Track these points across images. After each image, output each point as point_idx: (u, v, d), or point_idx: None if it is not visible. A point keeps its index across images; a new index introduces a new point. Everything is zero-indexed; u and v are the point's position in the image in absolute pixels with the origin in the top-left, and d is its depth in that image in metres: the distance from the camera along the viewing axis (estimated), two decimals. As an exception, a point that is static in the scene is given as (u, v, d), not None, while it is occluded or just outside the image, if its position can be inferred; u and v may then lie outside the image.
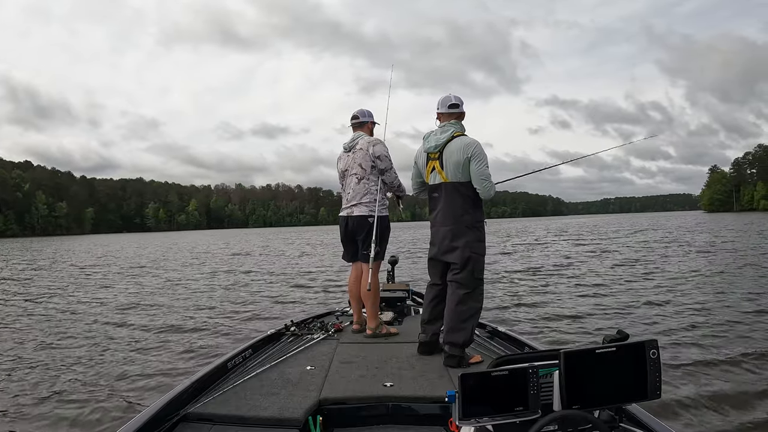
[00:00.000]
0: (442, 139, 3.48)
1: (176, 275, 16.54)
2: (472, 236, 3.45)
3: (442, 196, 3.51)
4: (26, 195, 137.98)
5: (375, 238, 4.10)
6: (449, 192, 3.48)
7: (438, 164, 3.51)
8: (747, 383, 4.52)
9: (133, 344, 6.74)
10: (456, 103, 3.58)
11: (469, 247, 3.42)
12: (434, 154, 3.53)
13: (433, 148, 3.52)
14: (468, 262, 3.40)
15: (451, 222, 3.46)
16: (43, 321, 8.71)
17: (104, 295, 12.07)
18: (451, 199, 3.47)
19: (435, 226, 3.57)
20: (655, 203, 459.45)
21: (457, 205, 3.45)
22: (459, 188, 3.45)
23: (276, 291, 11.91)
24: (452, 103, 3.58)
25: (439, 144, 3.49)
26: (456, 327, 3.34)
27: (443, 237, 3.49)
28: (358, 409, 2.73)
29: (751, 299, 8.46)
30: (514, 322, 7.36)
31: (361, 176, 4.20)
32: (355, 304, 4.38)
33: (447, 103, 3.59)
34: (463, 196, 3.45)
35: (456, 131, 3.50)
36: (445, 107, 3.59)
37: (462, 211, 3.45)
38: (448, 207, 3.48)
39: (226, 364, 3.30)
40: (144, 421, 2.30)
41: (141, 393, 4.77)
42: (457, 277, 3.43)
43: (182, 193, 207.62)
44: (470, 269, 3.41)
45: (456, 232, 3.44)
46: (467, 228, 3.44)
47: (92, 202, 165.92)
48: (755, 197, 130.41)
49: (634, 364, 1.71)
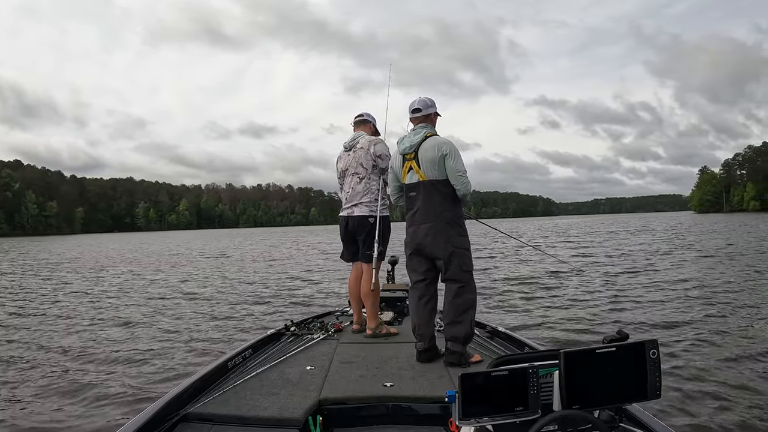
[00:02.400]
0: (416, 140, 3.55)
1: (176, 275, 16.49)
2: (454, 231, 3.48)
3: (420, 194, 3.54)
4: (16, 194, 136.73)
5: (378, 238, 4.11)
6: (427, 189, 3.51)
7: (414, 163, 3.55)
8: (747, 383, 4.55)
9: (132, 344, 6.72)
10: (419, 107, 3.66)
11: (451, 243, 3.45)
12: (410, 154, 3.58)
13: (408, 149, 3.58)
14: (452, 257, 3.43)
15: (432, 218, 3.48)
16: (42, 321, 8.69)
17: (104, 295, 12.01)
18: (429, 196, 3.50)
19: (414, 225, 3.57)
20: (645, 204, 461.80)
21: (436, 202, 3.48)
22: (437, 185, 3.49)
23: (276, 291, 11.90)
24: (415, 108, 3.66)
25: (413, 144, 3.56)
26: (455, 320, 3.35)
27: (425, 234, 3.49)
28: (358, 409, 2.73)
29: (751, 299, 8.53)
30: (514, 322, 7.39)
31: (363, 176, 4.19)
32: (354, 304, 4.37)
33: (411, 108, 3.68)
34: (442, 193, 3.49)
35: (428, 132, 3.58)
36: (409, 113, 3.69)
37: (441, 207, 3.48)
38: (427, 204, 3.51)
39: (226, 364, 3.29)
40: (144, 421, 2.29)
41: (141, 393, 4.75)
42: (448, 273, 3.45)
43: (173, 192, 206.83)
44: (457, 263, 3.44)
45: (437, 228, 3.46)
46: (447, 224, 3.47)
47: (82, 202, 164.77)
48: (745, 198, 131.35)
49: (634, 364, 1.71)
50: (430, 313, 3.55)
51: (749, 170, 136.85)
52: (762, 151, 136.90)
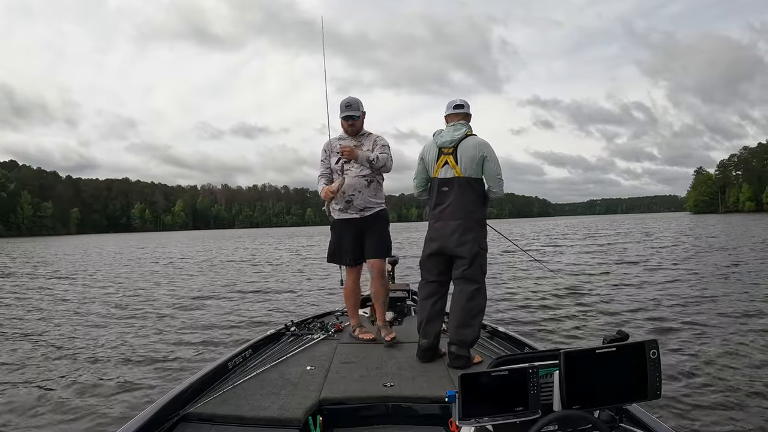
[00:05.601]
0: (457, 136, 3.54)
1: (176, 276, 16.49)
2: (481, 232, 3.53)
3: (454, 189, 3.52)
4: (11, 195, 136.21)
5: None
6: (462, 186, 3.51)
7: (452, 159, 3.53)
8: (747, 383, 4.57)
9: (132, 344, 6.73)
10: (461, 104, 3.69)
11: (478, 243, 3.47)
12: (448, 149, 3.56)
13: (449, 143, 3.56)
14: (476, 257, 3.44)
15: (462, 216, 3.48)
16: (42, 321, 8.71)
17: (102, 295, 12.01)
18: (463, 193, 3.50)
19: (442, 220, 3.55)
20: (641, 204, 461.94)
21: (469, 200, 3.50)
22: (472, 183, 3.51)
23: (276, 291, 11.91)
24: (457, 104, 3.69)
25: (454, 140, 3.54)
26: (465, 323, 3.34)
27: (452, 231, 3.47)
28: (358, 409, 2.74)
29: (752, 299, 8.58)
30: (514, 322, 7.41)
31: None
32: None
33: (452, 104, 3.70)
34: (476, 192, 3.52)
35: (468, 131, 3.59)
36: (450, 108, 3.69)
37: (474, 206, 3.51)
38: (459, 201, 3.50)
39: (226, 364, 3.30)
40: (144, 421, 2.29)
41: (141, 393, 4.75)
42: (467, 273, 3.44)
43: (168, 193, 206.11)
44: (478, 264, 3.45)
45: (467, 227, 3.46)
46: (476, 223, 3.51)
47: (78, 203, 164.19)
48: (740, 199, 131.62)
49: (634, 364, 1.71)
50: (438, 312, 3.56)
51: (744, 171, 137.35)
52: (757, 151, 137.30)
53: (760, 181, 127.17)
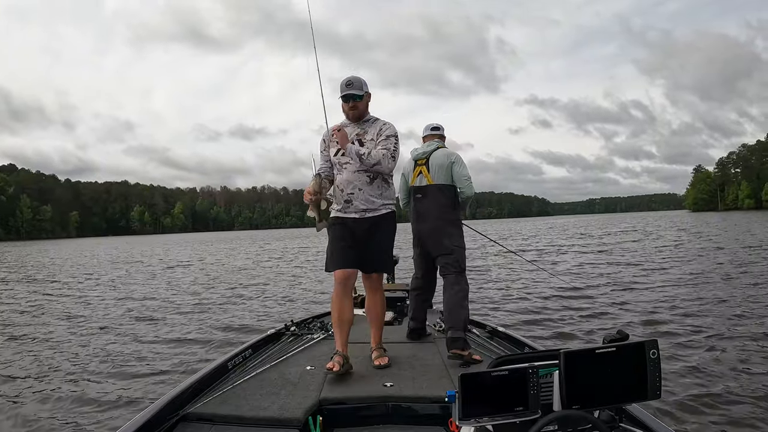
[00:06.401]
0: (429, 149, 4.02)
1: (175, 278, 16.50)
2: (455, 232, 3.93)
3: (428, 196, 3.95)
4: (10, 198, 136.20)
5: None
6: (434, 193, 3.93)
7: (425, 169, 3.99)
8: (747, 383, 4.56)
9: (132, 345, 6.74)
10: (437, 126, 4.22)
11: (452, 242, 3.86)
12: (422, 160, 4.02)
13: (421, 155, 4.03)
14: (452, 254, 3.83)
15: (435, 218, 3.89)
16: (41, 321, 8.73)
17: (102, 295, 12.02)
18: (436, 198, 3.92)
19: (419, 223, 3.99)
20: (640, 203, 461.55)
21: (441, 204, 3.91)
22: (443, 189, 3.93)
23: (276, 292, 11.91)
24: (434, 126, 4.21)
25: (426, 152, 4.02)
26: (456, 305, 3.66)
27: (429, 233, 3.92)
28: (358, 409, 2.74)
29: (752, 299, 8.55)
30: (514, 322, 7.41)
31: None
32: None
33: (430, 127, 4.21)
34: (446, 196, 3.93)
35: (440, 144, 4.09)
36: (428, 130, 4.20)
37: (446, 209, 3.91)
38: (433, 206, 3.92)
39: (226, 364, 3.31)
40: (144, 421, 2.30)
41: (141, 393, 4.76)
42: (447, 268, 3.83)
43: (167, 195, 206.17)
44: (455, 259, 3.82)
45: (441, 228, 3.88)
46: (450, 224, 3.91)
47: (77, 206, 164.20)
48: (740, 196, 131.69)
49: (634, 364, 1.72)
50: (423, 302, 4.18)
51: (743, 169, 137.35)
52: (756, 149, 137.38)
53: (759, 178, 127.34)
